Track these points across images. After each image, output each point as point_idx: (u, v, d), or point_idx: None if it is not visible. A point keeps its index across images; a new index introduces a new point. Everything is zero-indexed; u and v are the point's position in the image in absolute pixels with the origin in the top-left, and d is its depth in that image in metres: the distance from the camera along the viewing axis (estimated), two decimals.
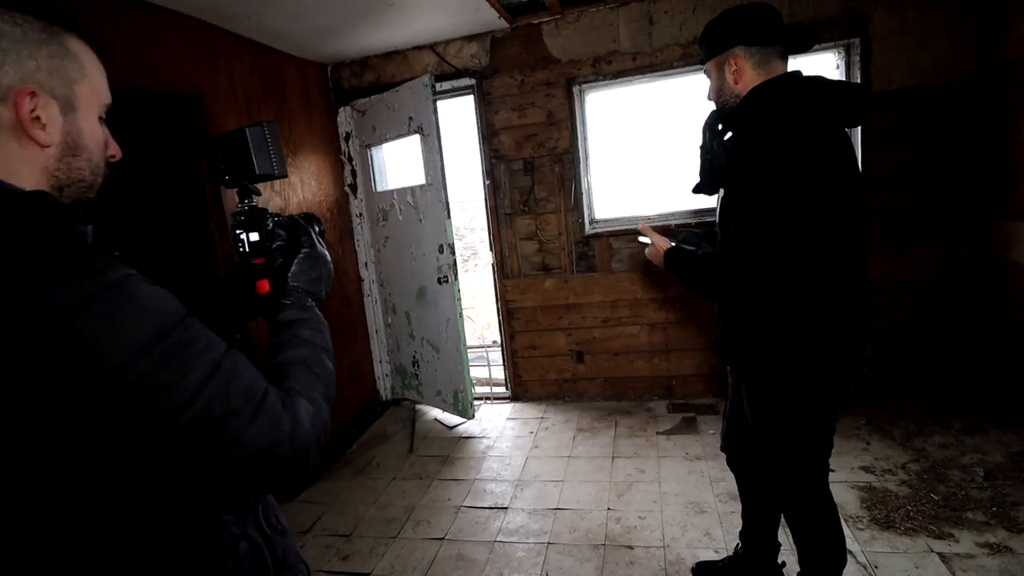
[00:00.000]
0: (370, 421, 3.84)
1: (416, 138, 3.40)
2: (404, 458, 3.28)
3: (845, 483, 2.52)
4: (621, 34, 3.28)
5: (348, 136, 3.85)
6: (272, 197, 3.12)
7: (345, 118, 3.83)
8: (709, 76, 1.54)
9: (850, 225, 1.37)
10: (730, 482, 2.64)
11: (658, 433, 3.21)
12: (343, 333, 3.71)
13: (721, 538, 2.29)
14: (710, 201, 3.38)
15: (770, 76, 1.43)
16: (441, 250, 3.37)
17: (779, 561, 1.96)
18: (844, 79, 3.09)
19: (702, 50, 1.54)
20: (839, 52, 3.09)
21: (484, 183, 3.66)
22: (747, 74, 1.44)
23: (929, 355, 3.20)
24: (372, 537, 2.55)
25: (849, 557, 2.06)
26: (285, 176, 1.06)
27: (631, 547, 2.29)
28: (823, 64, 3.15)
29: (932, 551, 2.06)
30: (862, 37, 2.97)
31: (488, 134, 3.58)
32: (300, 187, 3.39)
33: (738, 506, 2.44)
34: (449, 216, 3.32)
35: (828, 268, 1.38)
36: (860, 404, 3.19)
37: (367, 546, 2.49)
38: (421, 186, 3.42)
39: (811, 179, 1.29)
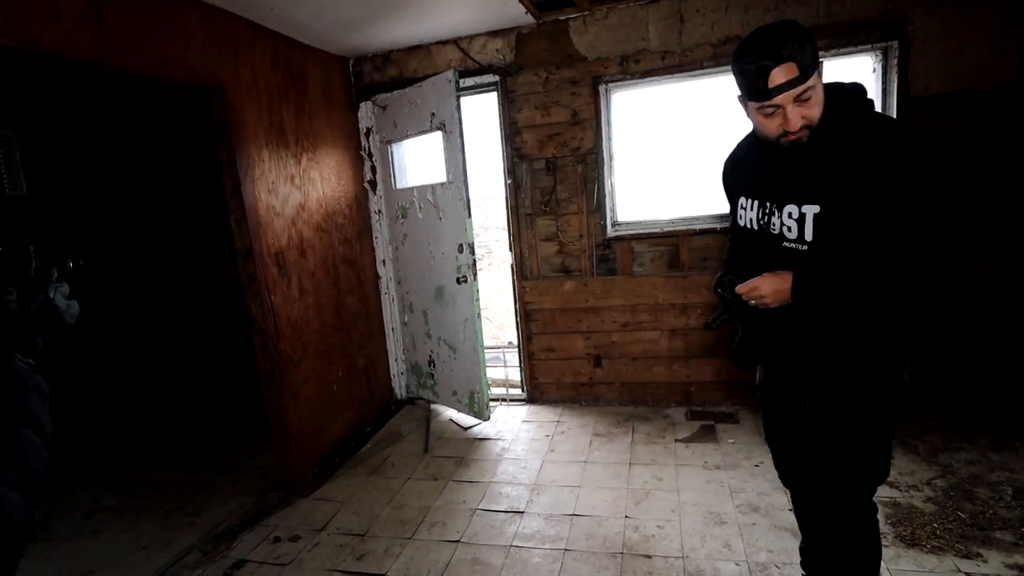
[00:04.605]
0: (385, 419, 3.82)
1: (437, 135, 3.36)
2: (419, 458, 3.25)
3: (876, 502, 2.45)
4: (650, 32, 3.21)
5: (368, 131, 3.82)
6: (292, 192, 3.10)
7: (366, 113, 3.80)
8: (809, 94, 1.26)
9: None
10: (750, 493, 2.59)
11: (676, 440, 3.16)
12: (359, 330, 3.69)
13: (742, 550, 2.23)
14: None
15: None
16: (461, 249, 3.33)
17: None
18: (881, 83, 3.02)
19: (803, 58, 1.23)
20: (876, 55, 3.01)
21: (505, 182, 3.61)
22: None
23: (956, 369, 3.12)
24: (387, 537, 2.53)
25: None
26: (22, 194, 0.93)
27: (649, 556, 2.25)
28: (860, 67, 3.07)
29: (959, 571, 2.00)
30: (900, 40, 2.89)
31: (511, 132, 3.53)
32: (320, 182, 3.37)
33: (758, 518, 2.42)
34: (470, 215, 3.28)
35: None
36: None
37: (382, 546, 2.47)
38: (442, 184, 3.39)
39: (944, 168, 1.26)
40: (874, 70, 3.04)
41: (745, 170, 1.56)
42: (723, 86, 3.29)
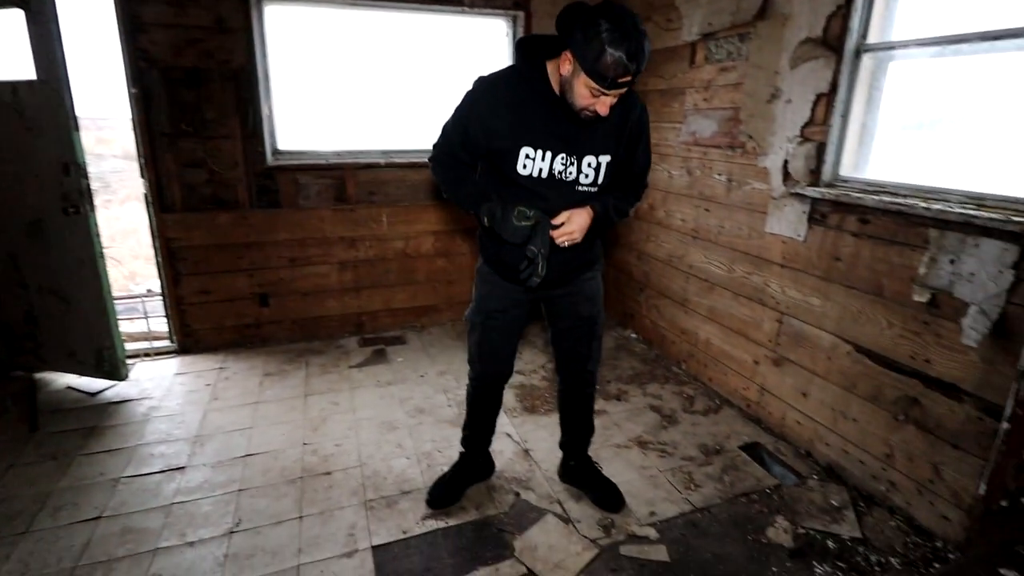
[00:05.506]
0: None
1: (15, 13, 2.48)
2: (24, 441, 2.54)
3: (507, 386, 3.07)
4: None
5: None
6: None
7: None
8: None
9: None
10: (418, 399, 2.94)
11: (350, 367, 3.29)
12: None
13: (411, 446, 2.55)
14: (404, 142, 3.51)
15: None
16: (67, 171, 2.61)
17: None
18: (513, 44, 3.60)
19: (643, 68, 1.46)
20: (508, 20, 3.56)
21: (130, 91, 2.94)
22: None
23: None
24: None
25: (508, 439, 2.58)
26: None
27: (329, 473, 2.36)
28: (497, 28, 3.59)
29: (558, 423, 2.72)
30: (525, 11, 3.48)
31: (132, 28, 2.86)
32: None
33: (424, 418, 2.79)
34: (77, 128, 2.59)
35: None
36: None
37: None
38: (29, 83, 2.54)
39: None
40: (507, 33, 3.59)
41: (527, 122, 1.62)
42: (395, 23, 3.36)
